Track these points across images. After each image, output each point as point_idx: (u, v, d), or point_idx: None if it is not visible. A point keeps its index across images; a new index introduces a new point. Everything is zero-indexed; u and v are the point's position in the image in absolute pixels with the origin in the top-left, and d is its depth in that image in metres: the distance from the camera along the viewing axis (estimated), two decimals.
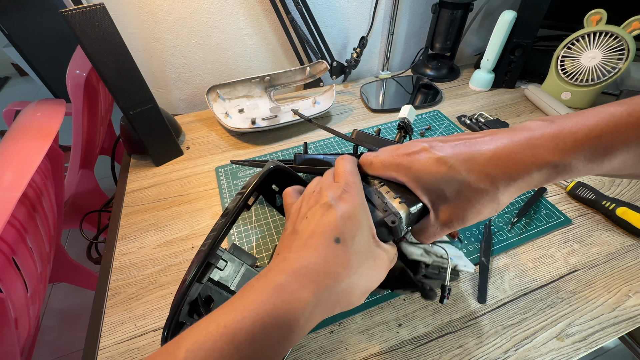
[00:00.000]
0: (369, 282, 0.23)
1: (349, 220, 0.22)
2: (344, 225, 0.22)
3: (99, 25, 0.48)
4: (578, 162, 0.21)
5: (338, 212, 0.22)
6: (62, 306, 1.18)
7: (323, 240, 0.22)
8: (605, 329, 0.37)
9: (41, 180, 0.61)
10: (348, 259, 0.22)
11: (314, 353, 0.37)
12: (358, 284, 0.22)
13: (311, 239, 0.22)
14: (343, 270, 0.21)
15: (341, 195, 0.24)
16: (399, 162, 0.25)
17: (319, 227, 0.22)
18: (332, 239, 0.22)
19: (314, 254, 0.21)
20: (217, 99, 0.73)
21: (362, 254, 0.22)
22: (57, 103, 0.68)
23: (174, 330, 0.29)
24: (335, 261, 0.21)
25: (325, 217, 0.23)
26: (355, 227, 0.23)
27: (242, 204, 0.32)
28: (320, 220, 0.23)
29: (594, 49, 0.63)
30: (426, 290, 0.29)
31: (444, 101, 0.77)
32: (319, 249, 0.22)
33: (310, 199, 0.26)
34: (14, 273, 0.50)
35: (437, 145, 0.24)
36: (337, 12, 0.78)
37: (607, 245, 0.45)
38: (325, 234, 0.22)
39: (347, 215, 0.23)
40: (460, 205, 0.23)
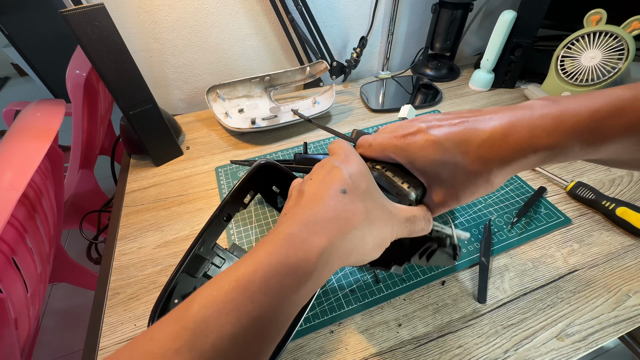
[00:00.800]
0: (382, 233, 0.23)
1: (355, 174, 0.23)
2: (350, 178, 0.22)
3: (99, 25, 0.48)
4: (575, 146, 0.20)
5: (344, 169, 0.23)
6: (62, 306, 1.18)
7: (330, 191, 0.22)
8: (605, 329, 0.37)
9: (41, 181, 0.61)
10: (356, 206, 0.22)
11: (314, 353, 0.37)
12: (371, 231, 0.22)
13: (318, 192, 0.22)
14: (353, 215, 0.21)
15: (345, 159, 0.24)
16: (396, 144, 0.25)
17: (325, 181, 0.23)
18: (339, 190, 0.22)
19: (322, 204, 0.21)
20: (217, 99, 0.73)
21: (371, 202, 0.23)
22: (57, 103, 0.68)
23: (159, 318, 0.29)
24: (344, 208, 0.21)
25: (331, 174, 0.23)
26: (361, 179, 0.23)
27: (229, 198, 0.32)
28: (326, 177, 0.23)
29: (594, 49, 0.63)
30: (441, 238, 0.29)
31: (443, 101, 0.77)
32: (327, 199, 0.21)
33: (315, 169, 0.26)
34: (13, 273, 0.50)
35: (434, 126, 0.24)
36: (337, 12, 0.78)
37: (607, 245, 0.45)
38: (332, 186, 0.22)
39: (353, 171, 0.23)
40: (455, 186, 0.24)
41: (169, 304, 0.31)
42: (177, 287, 0.31)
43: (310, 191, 0.23)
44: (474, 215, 0.50)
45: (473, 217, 0.50)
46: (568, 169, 0.56)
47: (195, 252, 0.32)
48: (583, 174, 0.55)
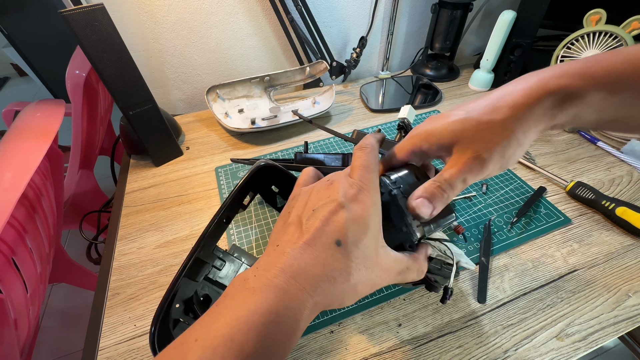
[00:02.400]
0: (365, 287, 0.23)
1: (356, 224, 0.22)
2: (348, 229, 0.21)
3: (99, 25, 0.48)
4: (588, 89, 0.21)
5: (346, 214, 0.22)
6: (62, 306, 1.18)
7: (324, 240, 0.21)
8: (605, 329, 0.37)
9: (41, 181, 0.61)
10: (346, 265, 0.21)
11: (314, 353, 0.37)
12: (355, 288, 0.22)
13: (313, 237, 0.21)
14: (339, 275, 0.21)
15: (355, 195, 0.22)
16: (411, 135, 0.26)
17: (324, 225, 0.22)
18: (334, 241, 0.21)
19: (312, 255, 0.21)
20: (216, 99, 0.73)
21: (362, 259, 0.22)
22: (57, 103, 0.68)
23: (161, 327, 0.29)
24: (333, 265, 0.21)
25: (333, 217, 0.22)
26: (361, 232, 0.22)
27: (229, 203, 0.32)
28: (327, 219, 0.22)
29: (594, 49, 0.63)
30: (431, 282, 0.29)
31: (443, 101, 0.77)
32: (319, 250, 0.21)
33: (321, 189, 0.24)
34: (13, 273, 0.50)
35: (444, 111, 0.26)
36: (337, 12, 0.78)
37: (606, 245, 0.45)
38: (328, 235, 0.21)
39: (355, 218, 0.22)
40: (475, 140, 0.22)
41: (170, 309, 0.31)
42: (178, 292, 0.31)
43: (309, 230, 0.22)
44: (474, 215, 0.50)
45: (473, 217, 0.50)
46: (568, 168, 0.56)
47: (196, 256, 0.32)
48: (583, 173, 0.55)
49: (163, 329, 0.30)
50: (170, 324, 0.31)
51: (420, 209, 0.23)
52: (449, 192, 0.23)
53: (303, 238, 0.21)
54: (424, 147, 0.25)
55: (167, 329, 0.30)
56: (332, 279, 0.21)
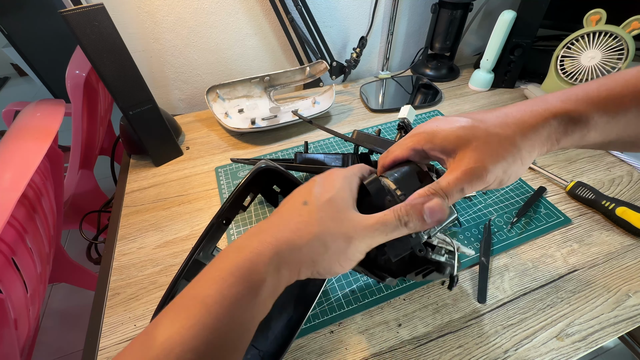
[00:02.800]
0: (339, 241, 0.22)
1: (321, 186, 0.24)
2: (314, 190, 0.23)
3: (99, 25, 0.48)
4: (592, 113, 0.21)
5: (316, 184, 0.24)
6: (62, 306, 1.18)
7: (292, 203, 0.23)
8: (605, 329, 0.37)
9: (41, 181, 0.61)
10: (310, 217, 0.22)
11: (314, 353, 0.37)
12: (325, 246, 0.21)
13: (284, 207, 0.24)
14: (305, 227, 0.21)
15: (327, 174, 0.25)
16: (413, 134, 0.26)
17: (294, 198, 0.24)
18: (301, 202, 0.23)
19: (278, 216, 0.23)
20: (216, 99, 0.73)
21: (328, 214, 0.22)
22: (57, 103, 0.68)
23: None
24: (297, 219, 0.22)
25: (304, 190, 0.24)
26: (327, 191, 0.23)
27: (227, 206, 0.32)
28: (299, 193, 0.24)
29: (594, 49, 0.63)
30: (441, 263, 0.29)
31: (443, 101, 0.77)
32: (286, 211, 0.23)
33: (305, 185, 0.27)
34: (13, 274, 0.50)
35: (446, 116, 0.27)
36: (337, 12, 0.78)
37: (606, 245, 0.45)
38: (296, 200, 0.23)
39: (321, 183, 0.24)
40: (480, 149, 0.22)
41: None
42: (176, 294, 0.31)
43: (280, 209, 0.24)
44: (474, 215, 0.50)
45: (473, 217, 0.50)
46: (568, 169, 0.56)
47: (195, 258, 0.32)
48: (583, 173, 0.55)
49: None
50: None
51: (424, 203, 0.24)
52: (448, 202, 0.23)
53: (277, 212, 0.24)
54: (426, 146, 0.25)
55: None
56: (296, 229, 0.22)
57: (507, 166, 0.22)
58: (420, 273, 0.30)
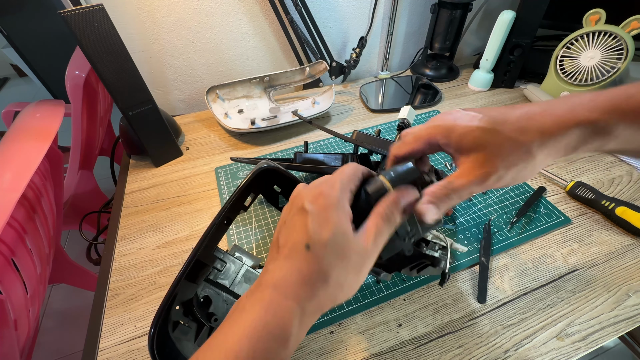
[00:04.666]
0: (351, 278, 0.23)
1: (317, 223, 0.22)
2: (313, 230, 0.22)
3: (98, 26, 0.48)
4: (618, 124, 0.21)
5: (309, 217, 0.23)
6: (62, 307, 1.18)
7: (296, 249, 0.22)
8: (605, 329, 0.37)
9: (40, 181, 0.61)
10: (319, 266, 0.22)
11: (314, 353, 0.37)
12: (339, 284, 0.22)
13: (287, 249, 0.23)
14: (317, 277, 0.22)
15: (318, 196, 0.23)
16: (428, 126, 0.25)
17: (293, 235, 0.23)
18: (304, 247, 0.22)
19: (289, 265, 0.22)
20: (216, 99, 0.73)
21: (333, 255, 0.22)
22: (56, 104, 0.68)
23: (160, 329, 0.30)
24: (307, 269, 0.22)
25: (300, 225, 0.23)
26: (323, 228, 0.22)
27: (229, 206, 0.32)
28: (295, 228, 0.23)
29: (593, 49, 0.63)
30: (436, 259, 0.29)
31: (443, 101, 0.77)
32: (294, 259, 0.22)
33: (295, 198, 0.25)
34: (13, 274, 0.50)
35: (467, 109, 0.25)
36: (337, 12, 0.78)
37: (606, 245, 0.45)
38: (298, 243, 0.22)
39: (316, 218, 0.22)
40: (494, 154, 0.22)
41: (170, 312, 0.31)
42: (178, 295, 0.31)
43: (284, 245, 0.23)
44: (474, 215, 0.50)
45: (473, 217, 0.50)
46: (568, 168, 0.56)
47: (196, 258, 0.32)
48: (583, 173, 0.55)
49: (162, 331, 0.30)
50: (169, 326, 0.31)
51: (427, 215, 0.23)
52: (455, 201, 0.24)
53: (282, 254, 0.23)
54: (441, 141, 0.24)
55: (166, 331, 0.30)
56: (311, 282, 0.22)
57: (518, 172, 0.23)
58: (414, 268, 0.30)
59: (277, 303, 0.21)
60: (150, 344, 0.29)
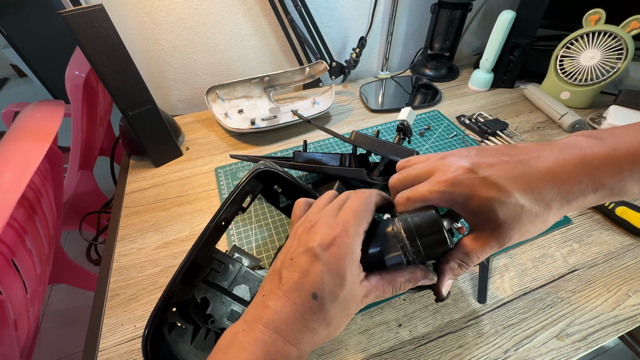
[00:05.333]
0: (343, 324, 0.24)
1: (331, 277, 0.22)
2: (324, 282, 0.22)
3: (98, 26, 0.48)
4: (634, 185, 0.20)
5: (321, 266, 0.22)
6: (62, 307, 1.18)
7: (301, 294, 0.22)
8: (605, 329, 0.37)
9: (40, 182, 0.61)
10: (324, 316, 0.22)
11: (314, 354, 0.37)
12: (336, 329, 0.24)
13: (291, 290, 0.22)
14: (318, 326, 0.22)
15: (331, 243, 0.23)
16: (439, 190, 0.23)
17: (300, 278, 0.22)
18: (310, 294, 0.22)
19: (291, 307, 0.22)
20: (216, 99, 0.73)
21: (340, 309, 0.23)
22: (56, 104, 0.68)
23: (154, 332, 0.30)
24: (311, 318, 0.22)
25: (309, 269, 0.22)
26: (336, 284, 0.22)
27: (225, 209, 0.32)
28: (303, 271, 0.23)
29: (593, 49, 0.63)
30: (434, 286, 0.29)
31: (443, 101, 0.77)
32: (297, 303, 0.22)
33: (303, 233, 0.25)
34: (13, 274, 0.50)
35: (480, 164, 0.23)
36: (336, 12, 0.78)
37: (606, 245, 0.45)
38: (304, 288, 0.22)
39: (330, 270, 0.22)
40: (510, 226, 0.22)
41: (165, 314, 0.31)
42: (174, 297, 0.31)
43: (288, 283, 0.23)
44: None
45: None
46: None
47: (192, 260, 0.32)
48: None
49: (157, 332, 0.30)
50: (165, 328, 0.31)
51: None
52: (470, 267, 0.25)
53: (282, 290, 0.23)
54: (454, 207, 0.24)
55: (161, 333, 0.30)
56: (313, 330, 0.22)
57: (529, 237, 0.23)
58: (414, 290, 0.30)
59: (278, 348, 0.21)
60: (144, 346, 0.29)
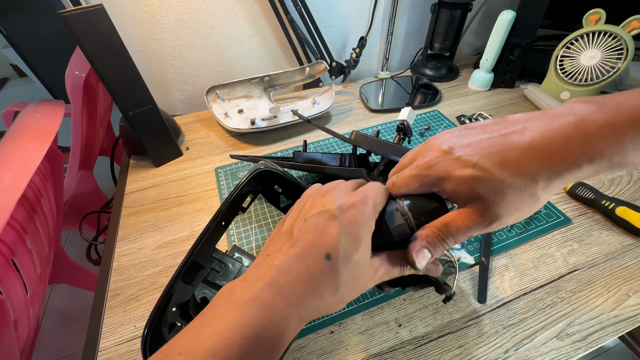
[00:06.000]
0: (351, 296, 0.23)
1: (348, 238, 0.21)
2: (340, 243, 0.21)
3: (98, 26, 0.48)
4: (637, 155, 0.18)
5: (339, 227, 0.21)
6: (62, 307, 1.18)
7: (314, 254, 0.21)
8: (605, 329, 0.37)
9: (40, 181, 0.61)
10: (334, 280, 0.21)
11: (314, 354, 0.37)
12: (342, 298, 0.22)
13: (303, 250, 0.21)
14: (326, 290, 0.21)
15: (351, 206, 0.22)
16: (418, 174, 0.23)
17: (314, 237, 0.21)
18: (324, 255, 0.21)
19: (301, 269, 0.20)
20: (216, 99, 0.73)
21: (351, 273, 0.21)
22: (56, 104, 0.68)
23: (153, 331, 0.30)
24: (321, 280, 0.21)
25: (325, 229, 0.21)
26: (353, 247, 0.21)
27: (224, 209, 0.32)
28: (318, 230, 0.21)
29: (593, 49, 0.63)
30: (441, 284, 0.29)
31: (443, 101, 0.77)
32: (308, 262, 0.21)
33: (317, 197, 0.24)
34: (13, 274, 0.50)
35: (456, 144, 0.22)
36: (336, 12, 0.78)
37: (606, 245, 0.45)
38: (318, 248, 0.21)
39: (348, 232, 0.21)
40: (496, 204, 0.20)
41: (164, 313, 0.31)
42: (174, 296, 0.31)
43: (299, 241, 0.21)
44: None
45: None
46: None
47: (192, 260, 0.32)
48: None
49: (156, 332, 0.30)
50: (164, 328, 0.31)
51: (418, 262, 0.22)
52: (451, 244, 0.22)
53: (293, 250, 0.21)
54: (433, 189, 0.23)
55: (160, 332, 0.30)
56: (320, 293, 0.21)
57: (521, 215, 0.21)
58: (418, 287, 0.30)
59: (277, 310, 0.20)
60: (143, 345, 0.29)
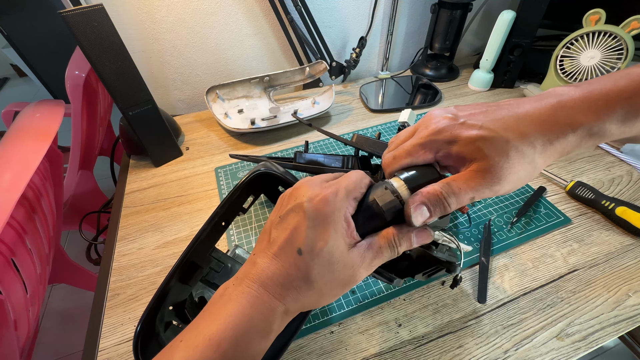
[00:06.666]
0: (335, 289, 0.23)
1: (315, 230, 0.22)
2: (307, 236, 0.22)
3: (98, 26, 0.48)
4: (612, 125, 0.21)
5: (307, 221, 0.22)
6: (62, 307, 1.18)
7: (287, 250, 0.22)
8: (605, 329, 0.37)
9: (40, 181, 0.61)
10: (307, 273, 0.22)
11: (314, 354, 0.37)
12: (321, 292, 0.22)
13: (278, 247, 0.23)
14: (304, 284, 0.22)
15: (320, 198, 0.23)
16: (427, 140, 0.24)
17: (287, 235, 0.23)
18: (296, 250, 0.22)
19: (278, 265, 0.22)
20: (216, 99, 0.73)
21: (325, 265, 0.22)
22: (56, 104, 0.68)
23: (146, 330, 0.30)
24: (296, 274, 0.22)
25: (295, 225, 0.23)
26: (320, 238, 0.22)
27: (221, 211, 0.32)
28: (290, 227, 0.23)
29: (593, 49, 0.63)
30: (452, 263, 0.28)
31: (443, 101, 0.77)
32: (283, 259, 0.22)
33: (293, 191, 0.25)
34: (13, 274, 0.50)
35: (460, 113, 0.24)
36: (336, 12, 0.78)
37: (606, 245, 0.45)
38: (291, 244, 0.22)
39: (314, 225, 0.22)
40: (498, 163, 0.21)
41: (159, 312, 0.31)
42: (170, 295, 0.31)
43: (276, 241, 0.23)
44: (474, 215, 0.50)
45: (473, 217, 0.50)
46: (568, 168, 0.56)
47: (190, 260, 0.32)
48: (583, 173, 0.55)
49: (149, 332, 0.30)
50: (162, 327, 0.31)
51: (414, 218, 0.22)
52: (453, 206, 0.22)
53: (271, 249, 0.23)
54: (440, 155, 0.24)
55: (155, 331, 0.30)
56: (297, 287, 0.22)
57: (519, 181, 0.22)
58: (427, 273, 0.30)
59: (263, 300, 0.22)
60: (134, 343, 0.29)
